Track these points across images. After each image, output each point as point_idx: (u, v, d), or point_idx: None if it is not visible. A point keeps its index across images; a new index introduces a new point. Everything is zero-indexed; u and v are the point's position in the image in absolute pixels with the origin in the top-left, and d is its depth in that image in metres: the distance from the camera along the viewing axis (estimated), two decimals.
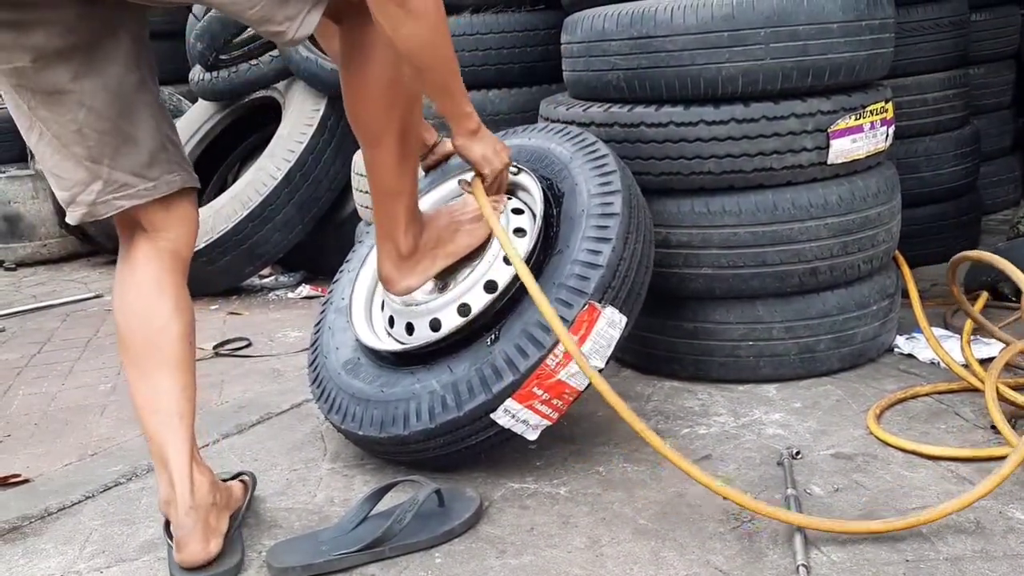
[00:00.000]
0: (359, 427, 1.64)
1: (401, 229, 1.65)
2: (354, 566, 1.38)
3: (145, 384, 1.40)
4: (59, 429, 2.09)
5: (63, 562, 1.47)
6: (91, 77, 1.30)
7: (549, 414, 1.55)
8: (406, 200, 1.65)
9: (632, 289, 1.61)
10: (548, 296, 1.53)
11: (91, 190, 1.36)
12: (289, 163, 3.01)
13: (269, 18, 1.29)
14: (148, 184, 1.38)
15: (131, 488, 1.72)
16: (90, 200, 1.36)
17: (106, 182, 1.36)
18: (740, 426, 1.76)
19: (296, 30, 1.31)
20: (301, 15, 1.31)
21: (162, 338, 1.40)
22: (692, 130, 1.83)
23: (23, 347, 2.76)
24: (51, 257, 3.96)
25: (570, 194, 1.69)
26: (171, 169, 1.40)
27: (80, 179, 1.36)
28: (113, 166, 1.35)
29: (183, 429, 1.39)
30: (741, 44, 1.79)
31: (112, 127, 1.33)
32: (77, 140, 1.33)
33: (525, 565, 1.35)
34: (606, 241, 1.58)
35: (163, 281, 1.41)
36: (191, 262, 1.49)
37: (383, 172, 1.61)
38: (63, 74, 1.29)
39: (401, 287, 1.70)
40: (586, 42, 1.98)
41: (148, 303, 1.41)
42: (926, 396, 1.82)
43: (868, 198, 1.91)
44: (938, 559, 1.28)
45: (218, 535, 1.38)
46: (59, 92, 1.30)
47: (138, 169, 1.37)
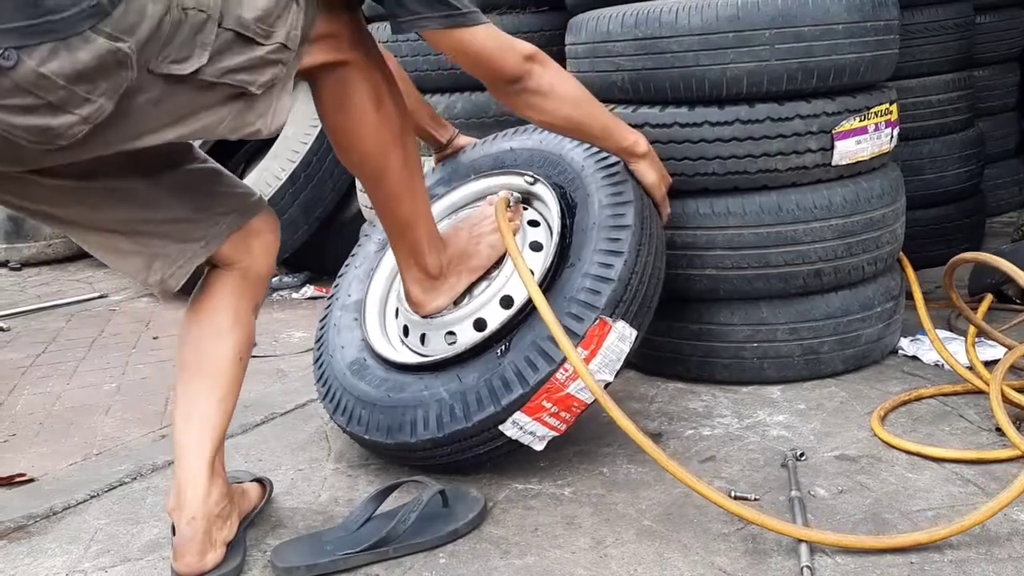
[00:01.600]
0: (365, 431, 1.64)
1: (425, 253, 1.65)
2: (358, 566, 1.38)
3: (184, 391, 1.42)
4: (64, 429, 2.09)
5: (68, 561, 1.48)
6: (102, 203, 1.33)
7: (557, 426, 1.54)
8: (423, 224, 1.64)
9: (643, 303, 1.60)
10: (559, 310, 1.52)
11: (155, 269, 1.38)
12: (294, 164, 3.02)
13: (241, 126, 1.26)
14: (199, 244, 1.38)
15: (136, 488, 1.72)
16: (158, 279, 1.39)
17: (163, 259, 1.38)
18: (744, 427, 1.76)
19: (271, 123, 1.29)
20: (272, 108, 1.28)
21: (211, 352, 1.42)
22: (697, 131, 1.84)
23: (28, 347, 2.77)
24: (56, 257, 3.96)
25: (583, 204, 1.67)
26: (214, 221, 1.39)
27: (140, 266, 1.39)
28: (162, 244, 1.37)
29: (208, 438, 1.39)
30: (746, 45, 1.79)
31: (143, 221, 1.36)
32: (117, 239, 1.37)
33: (529, 566, 1.35)
34: (618, 255, 1.57)
35: (224, 300, 1.43)
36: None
37: (393, 205, 1.60)
38: (79, 208, 1.33)
39: (431, 308, 1.69)
40: (591, 43, 1.98)
41: (205, 319, 1.43)
42: (930, 398, 1.82)
43: (872, 200, 1.91)
44: (943, 562, 1.28)
45: (218, 547, 1.38)
46: (82, 218, 1.35)
47: (184, 236, 1.38)
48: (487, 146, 1.97)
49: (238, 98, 1.22)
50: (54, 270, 3.85)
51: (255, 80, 1.22)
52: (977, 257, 1.89)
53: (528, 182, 1.79)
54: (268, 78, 1.23)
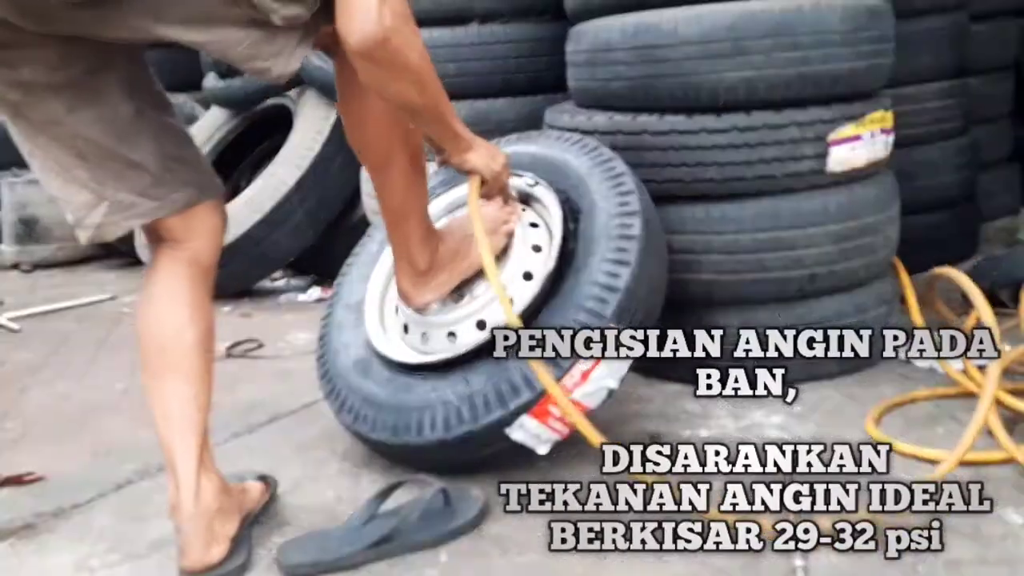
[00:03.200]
0: (371, 430, 1.66)
1: (416, 246, 1.66)
2: (362, 563, 1.41)
3: (157, 391, 1.42)
4: (73, 428, 2.12)
5: (76, 558, 1.50)
6: (84, 110, 1.31)
7: (561, 430, 1.57)
8: (418, 217, 1.66)
9: (648, 312, 1.62)
10: (567, 318, 1.54)
11: (97, 212, 1.36)
12: (301, 170, 3.04)
13: (254, 55, 1.27)
14: (153, 204, 1.38)
15: (143, 486, 1.75)
16: (96, 222, 1.37)
17: (111, 203, 1.36)
18: (740, 429, 1.78)
19: (283, 66, 1.29)
20: (287, 51, 1.29)
21: (175, 346, 1.41)
22: (694, 138, 1.86)
23: (39, 348, 2.80)
24: (67, 259, 3.98)
25: (588, 212, 1.68)
26: (176, 188, 1.39)
27: (85, 201, 1.36)
28: (117, 187, 1.36)
29: (191, 436, 1.40)
30: (743, 54, 1.82)
31: (111, 154, 1.34)
32: (78, 164, 1.34)
33: (529, 563, 1.38)
34: (625, 264, 1.58)
35: (179, 290, 1.42)
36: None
37: (393, 193, 1.61)
38: (56, 107, 1.30)
39: (419, 302, 1.71)
40: (591, 52, 2.01)
41: (163, 311, 1.42)
42: (924, 401, 1.84)
43: (868, 205, 1.94)
44: (936, 563, 1.30)
45: (222, 541, 1.39)
46: (55, 123, 1.31)
47: (142, 190, 1.37)
48: None
49: (259, 26, 1.24)
50: (65, 272, 3.87)
51: (277, 9, 1.23)
52: (949, 274, 1.89)
53: (529, 184, 1.79)
54: (292, 13, 1.24)
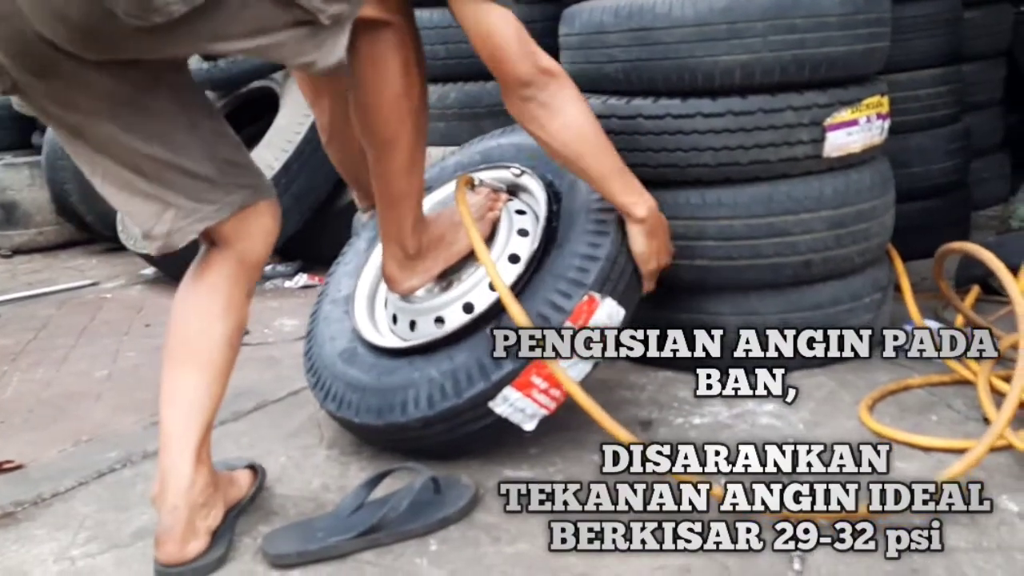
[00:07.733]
0: (356, 414, 1.64)
1: (408, 231, 1.67)
2: (349, 552, 1.39)
3: (171, 377, 1.42)
4: (53, 415, 2.09)
5: (56, 547, 1.47)
6: (140, 128, 1.32)
7: (547, 403, 1.56)
8: (414, 202, 1.66)
9: (630, 283, 1.62)
10: (548, 289, 1.56)
11: (164, 219, 1.37)
12: (287, 153, 3.01)
13: (299, 52, 1.29)
14: (212, 207, 1.38)
15: (125, 474, 1.73)
16: (164, 231, 1.37)
17: (178, 210, 1.37)
18: (733, 416, 1.77)
19: (326, 58, 1.30)
20: (329, 43, 1.30)
21: (203, 337, 1.41)
22: (689, 122, 1.84)
23: (18, 334, 2.76)
24: (47, 244, 3.95)
25: (569, 190, 1.71)
26: (231, 190, 1.40)
27: (152, 211, 1.37)
28: (178, 195, 1.37)
29: (194, 425, 1.39)
30: (739, 37, 1.80)
31: (169, 165, 1.35)
32: (138, 177, 1.35)
33: (520, 552, 1.36)
34: (605, 235, 1.60)
35: (220, 285, 1.43)
36: (187, 251, 1.49)
37: (393, 177, 1.62)
38: (112, 129, 1.31)
39: (405, 287, 1.72)
40: (584, 34, 1.98)
41: (200, 303, 1.43)
42: (918, 388, 1.84)
43: (863, 191, 1.92)
44: (930, 554, 1.29)
45: (201, 535, 1.38)
46: (112, 143, 1.32)
47: (202, 195, 1.38)
48: (475, 145, 2.00)
49: (304, 25, 1.27)
50: (45, 257, 3.84)
51: (325, 9, 1.26)
52: (964, 248, 1.90)
53: (515, 174, 1.82)
54: (336, 11, 1.27)
